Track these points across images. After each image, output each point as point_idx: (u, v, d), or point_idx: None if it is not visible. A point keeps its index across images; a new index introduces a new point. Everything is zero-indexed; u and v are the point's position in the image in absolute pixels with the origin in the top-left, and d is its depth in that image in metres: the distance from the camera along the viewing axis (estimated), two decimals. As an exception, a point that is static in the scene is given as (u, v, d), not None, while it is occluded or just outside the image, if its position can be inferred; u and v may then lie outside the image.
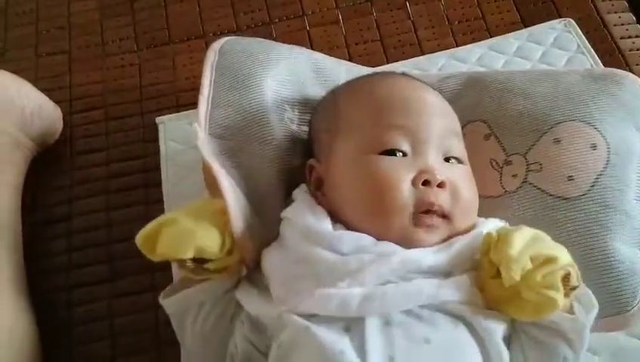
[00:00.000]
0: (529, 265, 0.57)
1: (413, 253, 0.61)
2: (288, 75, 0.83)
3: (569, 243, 0.68)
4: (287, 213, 0.69)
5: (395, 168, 0.65)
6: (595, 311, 0.61)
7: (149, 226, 0.63)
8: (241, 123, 0.77)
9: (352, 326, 0.58)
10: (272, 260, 0.66)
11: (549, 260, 0.58)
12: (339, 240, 0.63)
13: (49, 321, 0.80)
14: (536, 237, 0.61)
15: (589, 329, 0.60)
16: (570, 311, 0.60)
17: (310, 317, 0.59)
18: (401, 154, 0.66)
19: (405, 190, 0.64)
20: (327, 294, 0.59)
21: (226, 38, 0.85)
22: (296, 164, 0.76)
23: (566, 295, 0.58)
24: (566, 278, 0.58)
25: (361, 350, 0.56)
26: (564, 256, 0.59)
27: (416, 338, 0.57)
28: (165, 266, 0.81)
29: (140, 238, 0.63)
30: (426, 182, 0.64)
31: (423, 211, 0.64)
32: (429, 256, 0.61)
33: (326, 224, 0.65)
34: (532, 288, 0.57)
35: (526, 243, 0.59)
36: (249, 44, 0.85)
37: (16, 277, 0.80)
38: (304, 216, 0.66)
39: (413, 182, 0.64)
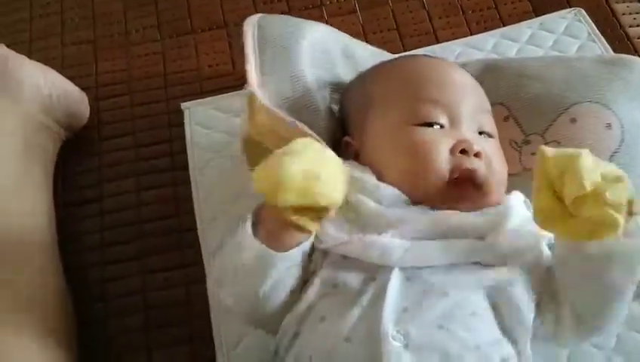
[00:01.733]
0: (599, 179, 0.56)
1: (450, 213, 0.65)
2: (320, 54, 0.85)
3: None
4: None
5: (434, 138, 0.68)
6: None
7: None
8: (290, 92, 0.79)
9: (379, 276, 0.61)
10: None
11: (619, 179, 0.56)
12: (382, 192, 0.66)
13: (84, 295, 0.83)
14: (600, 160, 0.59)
15: None
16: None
17: (341, 261, 0.63)
18: (438, 126, 0.70)
19: (443, 157, 0.67)
20: (373, 241, 0.62)
21: (261, 15, 0.86)
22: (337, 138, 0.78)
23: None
24: (630, 204, 0.56)
25: (379, 300, 0.60)
26: (628, 180, 0.57)
27: (433, 292, 0.61)
28: (192, 244, 0.85)
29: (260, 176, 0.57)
30: (463, 151, 0.68)
31: (460, 176, 0.67)
32: (465, 217, 0.65)
33: (372, 177, 0.69)
34: (598, 204, 0.55)
35: (594, 160, 0.58)
36: (288, 20, 0.88)
37: (51, 255, 0.83)
38: (352, 169, 0.67)
39: (452, 151, 0.68)
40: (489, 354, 0.59)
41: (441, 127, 0.70)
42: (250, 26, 0.83)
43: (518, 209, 0.68)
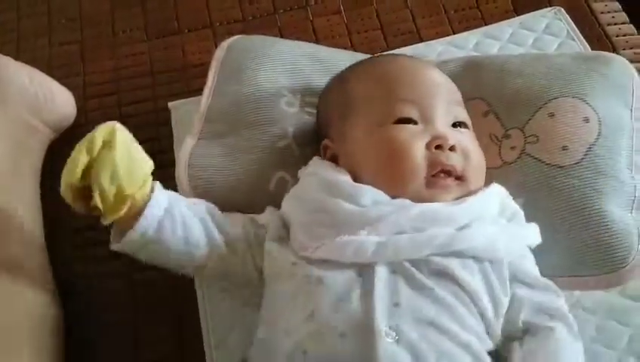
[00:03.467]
0: None
1: (430, 205, 0.67)
2: (287, 65, 0.91)
3: (566, 207, 0.75)
4: (310, 167, 0.75)
5: (409, 134, 0.71)
6: None
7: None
8: (234, 110, 0.86)
9: (363, 273, 0.63)
10: (292, 208, 0.72)
11: None
12: (359, 192, 0.68)
13: (70, 291, 0.84)
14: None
15: None
16: None
17: (323, 264, 0.64)
18: (413, 122, 0.72)
19: (419, 154, 0.69)
20: (346, 241, 0.64)
21: (236, 37, 0.95)
22: (280, 146, 0.82)
23: None
24: None
25: (368, 296, 0.61)
26: None
27: (419, 286, 0.62)
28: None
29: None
30: (438, 147, 0.70)
31: (438, 172, 0.69)
32: (445, 207, 0.67)
33: (347, 178, 0.71)
34: None
35: None
36: (253, 42, 0.94)
37: (38, 253, 0.84)
38: (327, 171, 0.72)
39: (427, 146, 0.70)
40: (479, 350, 0.61)
41: (416, 123, 0.72)
42: (220, 50, 0.93)
43: (495, 200, 0.70)
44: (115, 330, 0.82)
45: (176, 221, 0.69)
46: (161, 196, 0.69)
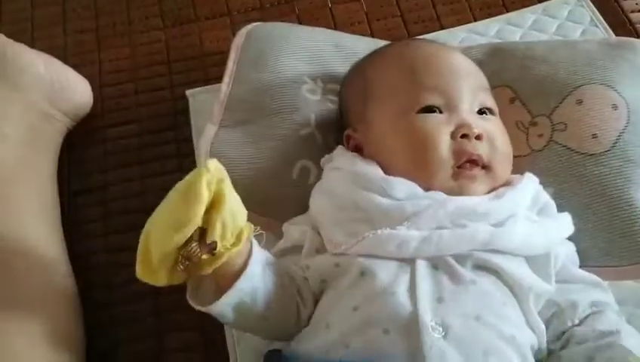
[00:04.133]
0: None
1: (468, 200, 0.65)
2: (308, 52, 0.90)
3: (596, 195, 0.73)
4: (336, 160, 0.73)
5: (435, 124, 0.69)
6: None
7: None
8: (255, 97, 0.85)
9: (404, 268, 0.61)
10: (322, 206, 0.70)
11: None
12: (392, 186, 0.66)
13: (89, 282, 0.83)
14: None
15: None
16: None
17: (366, 258, 0.62)
18: (438, 111, 0.70)
19: (445, 143, 0.68)
20: (388, 235, 0.62)
21: (254, 24, 0.94)
22: (303, 134, 0.81)
23: None
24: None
25: (412, 291, 0.59)
26: None
27: (462, 281, 0.61)
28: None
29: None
30: (464, 136, 0.68)
31: (464, 162, 0.67)
32: (482, 203, 0.65)
33: (378, 170, 0.69)
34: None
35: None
36: (273, 29, 0.93)
37: (56, 243, 0.83)
38: (355, 164, 0.70)
39: (452, 136, 0.68)
40: (523, 343, 0.60)
41: (440, 111, 0.70)
42: (239, 37, 0.92)
43: (530, 192, 0.69)
44: (135, 321, 0.81)
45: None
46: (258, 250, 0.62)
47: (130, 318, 0.82)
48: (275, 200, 0.77)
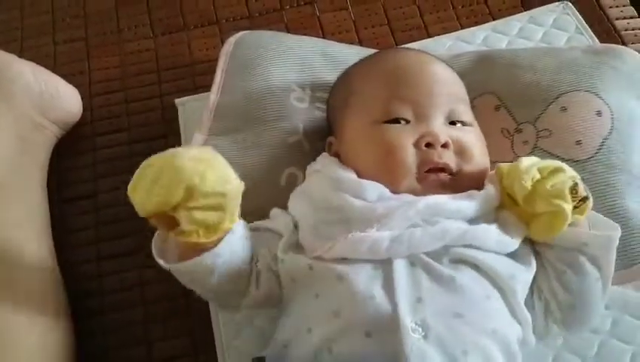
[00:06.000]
0: (537, 176, 0.62)
1: (439, 197, 0.66)
2: (296, 60, 0.90)
3: (580, 201, 0.74)
4: (317, 165, 0.75)
5: (398, 134, 0.70)
6: (618, 232, 0.64)
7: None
8: (243, 106, 0.86)
9: (380, 270, 0.62)
10: (299, 207, 0.71)
11: (557, 170, 0.63)
12: (365, 188, 0.67)
13: (79, 291, 0.83)
14: (541, 159, 0.66)
15: (614, 246, 0.63)
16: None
17: (340, 261, 0.63)
18: (404, 122, 0.71)
19: (408, 152, 0.69)
20: (359, 237, 0.63)
21: (243, 32, 0.94)
22: (291, 142, 0.82)
23: (578, 208, 0.62)
24: (574, 190, 0.61)
25: (391, 293, 0.60)
26: (569, 169, 0.64)
27: (440, 278, 0.61)
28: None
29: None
30: (428, 145, 0.69)
31: (428, 170, 0.68)
32: (451, 201, 0.66)
33: (353, 175, 0.70)
34: (543, 198, 0.61)
35: (533, 161, 0.65)
36: (261, 37, 0.94)
37: (46, 251, 0.83)
38: (333, 169, 0.71)
39: (416, 145, 0.69)
40: (506, 336, 0.61)
41: (407, 122, 0.71)
42: (227, 45, 0.92)
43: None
44: (126, 328, 0.82)
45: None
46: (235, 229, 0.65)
47: (120, 326, 0.82)
48: (263, 207, 0.77)
